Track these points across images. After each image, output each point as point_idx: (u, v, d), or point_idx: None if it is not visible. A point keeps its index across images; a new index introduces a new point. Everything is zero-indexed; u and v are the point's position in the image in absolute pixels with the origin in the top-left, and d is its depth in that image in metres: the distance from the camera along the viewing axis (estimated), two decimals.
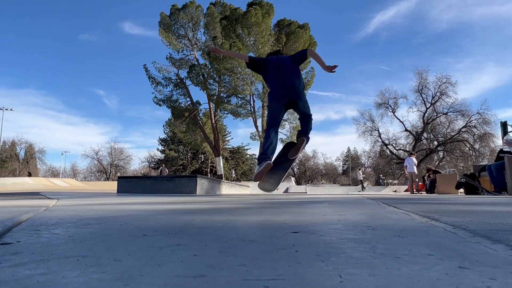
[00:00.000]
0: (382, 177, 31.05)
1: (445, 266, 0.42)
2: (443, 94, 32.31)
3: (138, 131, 73.43)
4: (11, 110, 36.48)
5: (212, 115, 23.97)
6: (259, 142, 23.28)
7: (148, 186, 5.90)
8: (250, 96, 22.75)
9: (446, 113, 32.84)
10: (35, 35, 63.71)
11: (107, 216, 1.08)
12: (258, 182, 3.34)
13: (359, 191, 18.09)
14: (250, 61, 3.59)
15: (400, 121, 35.03)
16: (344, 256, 0.47)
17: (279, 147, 3.49)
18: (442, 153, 35.63)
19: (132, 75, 67.62)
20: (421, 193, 13.08)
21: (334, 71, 3.45)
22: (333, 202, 2.14)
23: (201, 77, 22.06)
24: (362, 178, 24.92)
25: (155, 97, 23.62)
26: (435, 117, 33.62)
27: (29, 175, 32.18)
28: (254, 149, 48.66)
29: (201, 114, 24.87)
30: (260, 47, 20.69)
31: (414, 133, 34.96)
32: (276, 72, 3.46)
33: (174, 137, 40.15)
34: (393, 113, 34.98)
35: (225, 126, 42.24)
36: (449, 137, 32.53)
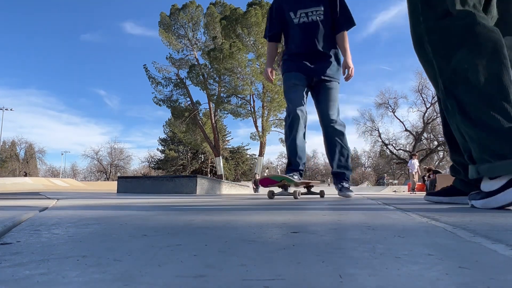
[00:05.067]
0: (387, 177, 30.73)
1: (445, 266, 0.42)
2: None
3: (139, 131, 73.60)
4: (11, 110, 36.51)
5: (212, 115, 23.97)
6: (259, 142, 23.27)
7: (148, 186, 5.90)
8: (250, 96, 22.76)
9: None
10: (37, 35, 63.79)
11: (107, 216, 1.08)
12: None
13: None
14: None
15: (400, 121, 35.08)
16: (344, 256, 0.47)
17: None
18: (442, 153, 35.65)
19: (133, 75, 67.81)
20: (414, 193, 13.05)
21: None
22: (333, 202, 2.14)
23: (201, 77, 22.06)
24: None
25: (155, 97, 23.65)
26: (435, 117, 33.66)
27: (25, 175, 32.16)
28: (254, 149, 48.65)
29: (201, 114, 24.88)
30: (260, 47, 20.70)
31: (414, 133, 34.98)
32: None
33: (174, 137, 40.19)
34: (393, 113, 35.04)
35: (225, 126, 42.30)
36: None
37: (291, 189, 2.79)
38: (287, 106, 2.93)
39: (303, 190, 3.28)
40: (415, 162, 14.67)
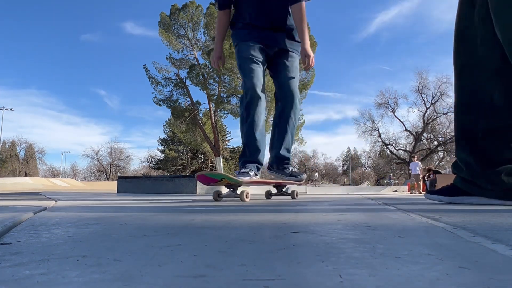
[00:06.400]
0: (393, 177, 30.56)
1: (445, 266, 0.42)
2: (443, 94, 32.41)
3: (139, 131, 73.64)
4: (11, 110, 36.54)
5: (212, 115, 23.95)
6: None
7: (148, 186, 5.90)
8: None
9: (446, 113, 32.88)
10: (37, 35, 63.82)
11: (107, 216, 1.08)
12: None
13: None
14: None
15: (400, 121, 35.08)
16: (344, 256, 0.47)
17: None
18: (442, 153, 35.68)
19: (133, 75, 67.76)
20: (414, 193, 13.09)
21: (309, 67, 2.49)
22: (333, 202, 2.14)
23: (201, 77, 22.05)
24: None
25: (155, 97, 23.61)
26: (435, 117, 33.68)
27: (25, 175, 32.18)
28: None
29: (201, 114, 24.86)
30: None
31: (414, 133, 34.98)
32: None
33: (174, 137, 40.17)
34: (393, 113, 35.03)
35: (225, 126, 42.23)
36: (449, 137, 32.57)
37: (240, 190, 2.27)
38: (244, 83, 2.38)
39: (273, 190, 2.75)
40: (418, 163, 14.67)
